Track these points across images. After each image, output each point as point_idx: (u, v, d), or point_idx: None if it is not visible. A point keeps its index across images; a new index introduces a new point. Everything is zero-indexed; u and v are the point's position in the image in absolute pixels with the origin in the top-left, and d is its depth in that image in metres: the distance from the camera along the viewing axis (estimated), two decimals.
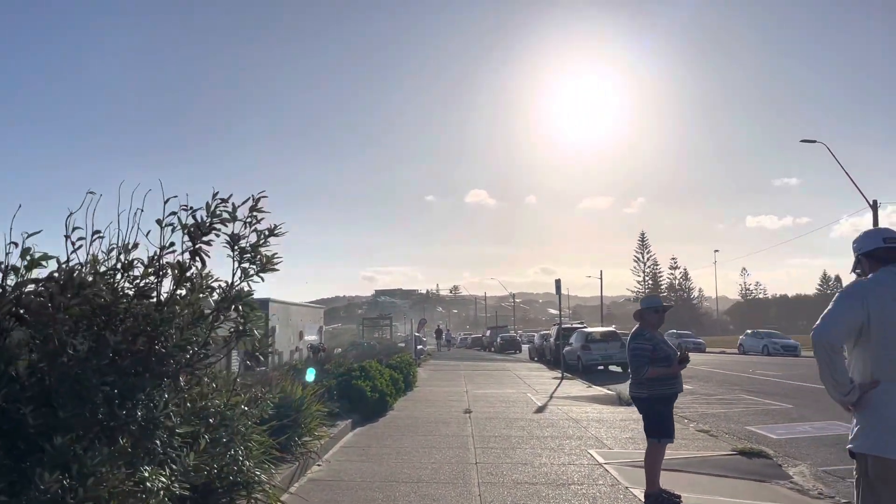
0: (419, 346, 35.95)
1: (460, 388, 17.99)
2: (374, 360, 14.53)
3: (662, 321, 6.13)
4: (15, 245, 2.99)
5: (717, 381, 20.08)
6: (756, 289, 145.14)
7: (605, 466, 7.63)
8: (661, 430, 5.88)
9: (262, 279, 3.67)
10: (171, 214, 3.33)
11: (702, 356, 37.00)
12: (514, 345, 51.90)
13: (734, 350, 43.05)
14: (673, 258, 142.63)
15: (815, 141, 36.46)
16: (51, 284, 2.87)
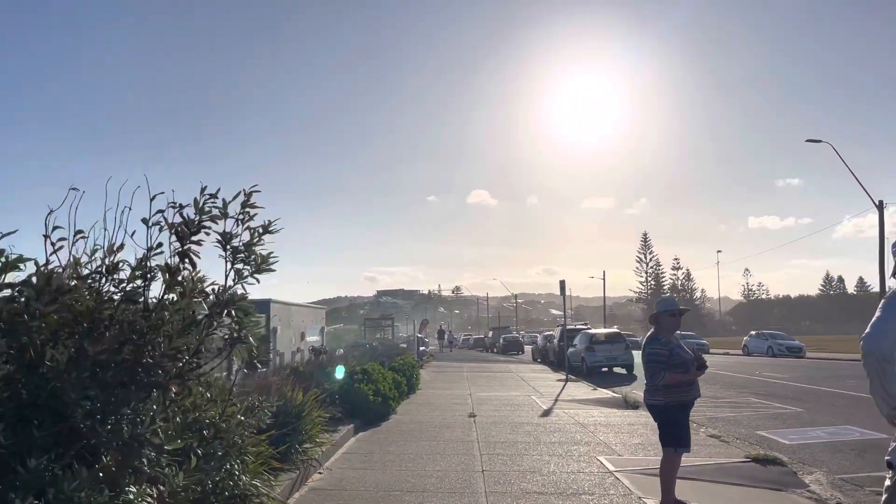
0: (422, 348, 35.77)
1: (464, 391, 17.75)
2: (376, 363, 14.29)
3: (679, 325, 5.88)
4: None
5: (724, 384, 19.81)
6: (758, 289, 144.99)
7: (616, 475, 7.38)
8: (677, 438, 5.63)
9: (257, 281, 3.42)
10: (158, 213, 3.08)
11: (706, 357, 36.57)
12: (517, 346, 51.74)
13: (738, 351, 42.74)
14: (675, 259, 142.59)
15: (820, 141, 36.26)
16: (26, 289, 2.63)
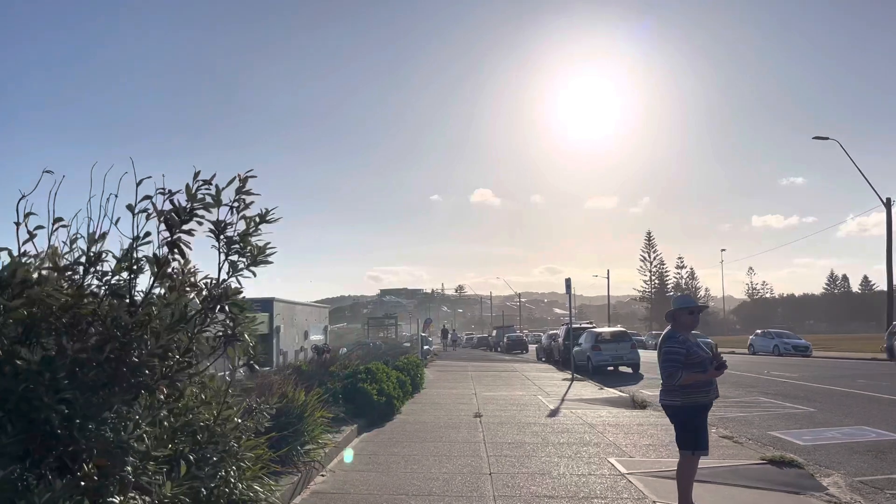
0: (425, 347, 35.58)
1: (469, 390, 17.52)
2: (380, 362, 14.07)
3: (697, 323, 5.62)
4: None
5: (732, 383, 19.52)
6: (762, 288, 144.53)
7: (629, 477, 7.14)
8: (695, 441, 5.38)
9: (253, 274, 3.17)
10: (146, 199, 2.82)
11: None
12: (521, 345, 51.54)
13: (744, 350, 42.41)
14: (679, 258, 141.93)
15: (827, 138, 35.96)
16: None
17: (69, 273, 2.79)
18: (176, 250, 2.81)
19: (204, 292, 2.98)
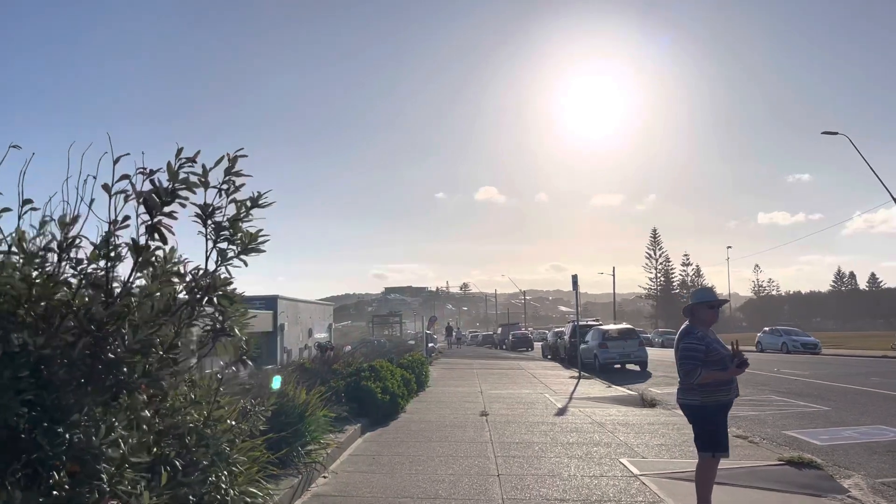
0: (430, 344, 35.36)
1: (475, 388, 17.26)
2: (384, 360, 13.82)
3: (717, 318, 5.33)
4: None
5: (742, 381, 19.05)
6: (769, 285, 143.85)
7: (642, 479, 6.87)
8: (715, 443, 5.10)
9: (244, 263, 2.90)
10: (124, 178, 2.53)
11: None
12: (527, 342, 51.24)
13: (751, 347, 41.97)
14: (685, 255, 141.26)
15: (836, 133, 35.45)
16: None
17: (38, 261, 2.54)
18: (156, 235, 2.55)
19: (190, 282, 2.71)
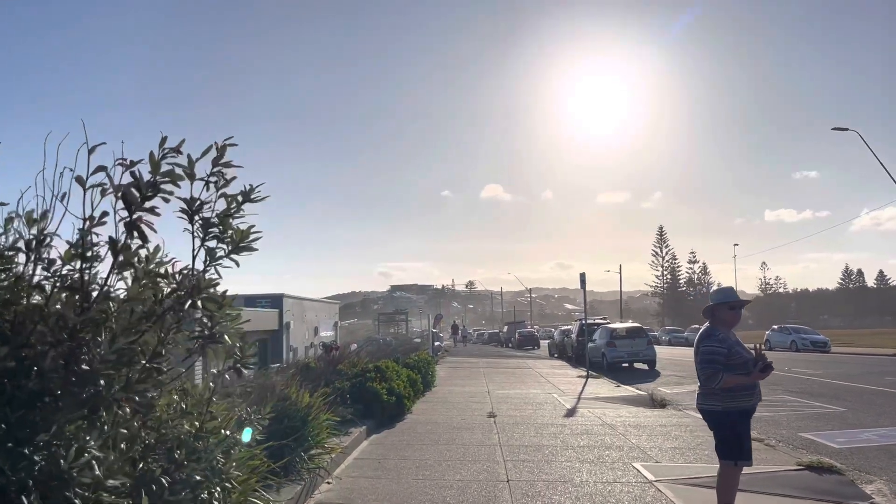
0: (436, 343, 35.15)
1: (481, 388, 17.02)
2: (390, 360, 13.60)
3: (739, 320, 5.07)
4: None
5: None
6: (776, 283, 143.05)
7: (657, 485, 6.62)
8: (738, 450, 4.84)
9: (235, 263, 2.66)
10: (100, 170, 2.28)
11: None
12: (533, 341, 51.01)
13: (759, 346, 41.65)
14: (692, 252, 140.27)
15: (846, 129, 35.04)
16: None
17: (4, 262, 2.30)
18: (136, 233, 2.31)
19: (173, 284, 2.48)
